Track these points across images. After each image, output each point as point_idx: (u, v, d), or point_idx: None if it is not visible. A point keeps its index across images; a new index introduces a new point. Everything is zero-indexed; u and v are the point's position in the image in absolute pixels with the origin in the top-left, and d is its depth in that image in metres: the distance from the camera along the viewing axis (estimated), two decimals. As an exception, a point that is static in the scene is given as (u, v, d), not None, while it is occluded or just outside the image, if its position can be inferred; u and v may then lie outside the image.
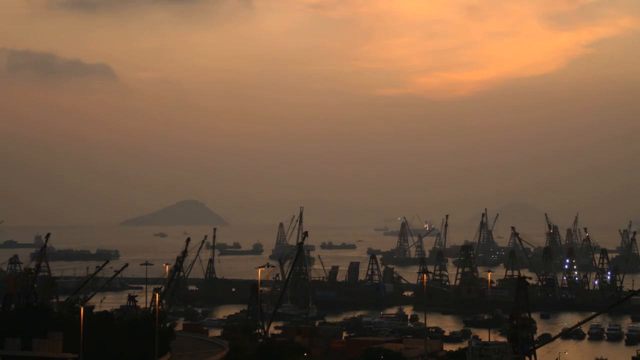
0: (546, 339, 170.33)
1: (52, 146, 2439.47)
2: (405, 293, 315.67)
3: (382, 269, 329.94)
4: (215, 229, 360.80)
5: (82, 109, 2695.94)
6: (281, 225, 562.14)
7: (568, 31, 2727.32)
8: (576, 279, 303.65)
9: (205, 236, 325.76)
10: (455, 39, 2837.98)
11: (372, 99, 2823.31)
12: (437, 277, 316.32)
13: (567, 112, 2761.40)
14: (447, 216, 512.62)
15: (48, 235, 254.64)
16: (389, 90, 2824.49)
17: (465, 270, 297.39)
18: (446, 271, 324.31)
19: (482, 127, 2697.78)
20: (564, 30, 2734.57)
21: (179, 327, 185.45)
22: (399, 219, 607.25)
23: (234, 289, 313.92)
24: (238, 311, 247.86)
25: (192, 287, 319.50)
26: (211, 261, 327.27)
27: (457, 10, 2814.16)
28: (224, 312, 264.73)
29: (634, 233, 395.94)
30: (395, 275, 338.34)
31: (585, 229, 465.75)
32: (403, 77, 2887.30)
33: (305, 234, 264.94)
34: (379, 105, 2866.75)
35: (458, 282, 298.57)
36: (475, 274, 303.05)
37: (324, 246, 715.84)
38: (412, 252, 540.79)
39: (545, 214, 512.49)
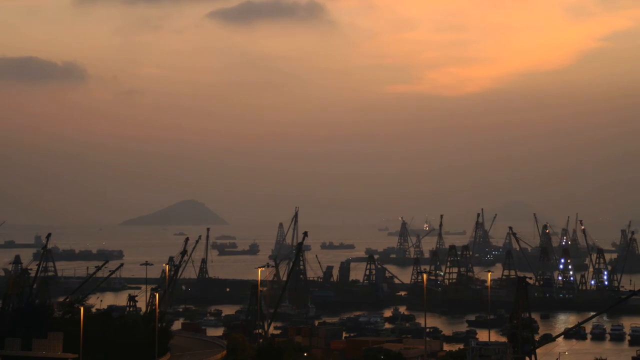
0: (548, 338, 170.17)
1: (52, 146, 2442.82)
2: (399, 293, 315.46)
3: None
4: (208, 229, 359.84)
5: (82, 109, 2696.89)
6: (281, 225, 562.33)
7: (585, 23, 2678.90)
8: (571, 278, 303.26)
9: (200, 236, 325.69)
10: (467, 32, 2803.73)
11: (380, 97, 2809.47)
12: (432, 277, 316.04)
13: (575, 110, 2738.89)
14: (441, 216, 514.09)
15: (49, 235, 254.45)
16: (398, 87, 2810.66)
17: (460, 270, 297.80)
18: (441, 271, 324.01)
19: (488, 125, 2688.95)
20: (582, 23, 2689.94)
21: (177, 326, 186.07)
22: (399, 218, 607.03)
23: (228, 289, 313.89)
24: (233, 312, 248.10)
25: (185, 288, 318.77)
26: (204, 261, 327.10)
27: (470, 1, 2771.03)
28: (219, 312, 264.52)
29: (632, 233, 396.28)
30: (388, 275, 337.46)
31: (581, 223, 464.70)
32: (413, 73, 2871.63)
33: (305, 233, 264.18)
34: (386, 103, 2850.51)
35: (447, 282, 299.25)
36: (470, 273, 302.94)
37: (323, 246, 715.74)
38: (413, 252, 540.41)
39: (534, 214, 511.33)
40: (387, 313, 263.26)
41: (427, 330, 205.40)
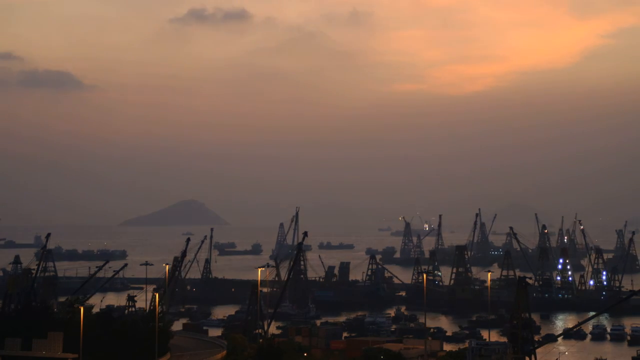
0: (548, 339, 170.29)
1: (52, 146, 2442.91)
2: (399, 293, 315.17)
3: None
4: (212, 229, 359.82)
5: (81, 110, 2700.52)
6: (281, 225, 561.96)
7: (590, 20, 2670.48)
8: (570, 279, 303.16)
9: (205, 236, 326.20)
10: (471, 29, 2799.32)
11: (382, 96, 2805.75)
12: (430, 277, 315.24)
13: (578, 110, 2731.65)
14: (440, 216, 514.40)
15: (48, 235, 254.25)
16: (400, 86, 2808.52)
17: (459, 270, 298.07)
18: (439, 271, 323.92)
19: (491, 125, 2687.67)
20: (587, 20, 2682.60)
21: (178, 327, 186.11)
22: (400, 219, 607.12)
23: (233, 289, 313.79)
24: (233, 312, 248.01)
25: (190, 288, 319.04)
26: (207, 261, 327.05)
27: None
28: (222, 312, 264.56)
29: (633, 233, 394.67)
30: (387, 275, 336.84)
31: (580, 223, 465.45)
32: (416, 71, 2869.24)
33: (305, 234, 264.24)
34: (388, 103, 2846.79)
35: (452, 282, 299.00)
36: (469, 274, 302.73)
37: (321, 246, 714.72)
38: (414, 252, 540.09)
39: (535, 214, 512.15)
40: (391, 313, 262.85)
41: (431, 330, 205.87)
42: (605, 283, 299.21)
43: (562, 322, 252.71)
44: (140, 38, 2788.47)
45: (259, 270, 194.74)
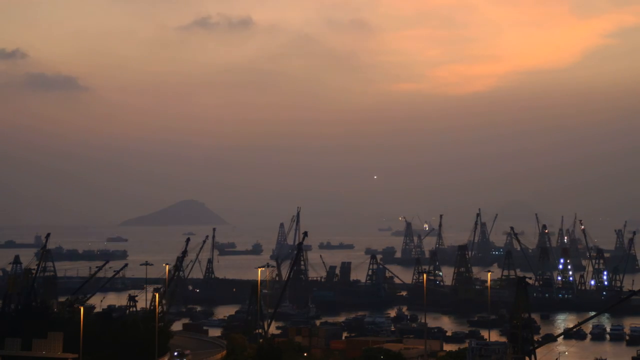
0: (548, 339, 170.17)
1: (52, 146, 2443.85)
2: (400, 293, 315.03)
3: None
4: (214, 229, 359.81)
5: (84, 112, 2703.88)
6: (282, 225, 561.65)
7: (591, 20, 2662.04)
8: (570, 279, 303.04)
9: (207, 236, 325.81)
10: (472, 29, 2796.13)
11: (383, 95, 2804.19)
12: (431, 277, 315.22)
13: (579, 109, 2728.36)
14: (441, 216, 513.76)
15: (48, 235, 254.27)
16: (401, 85, 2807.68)
17: (461, 270, 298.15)
18: (440, 271, 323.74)
19: (491, 125, 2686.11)
20: (588, 19, 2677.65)
21: (179, 327, 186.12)
22: (400, 219, 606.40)
23: (234, 289, 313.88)
24: (233, 312, 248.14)
25: (192, 288, 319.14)
26: (210, 261, 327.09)
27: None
28: (223, 312, 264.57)
29: (634, 233, 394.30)
30: (388, 275, 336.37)
31: (581, 223, 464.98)
32: (417, 71, 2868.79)
33: (305, 233, 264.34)
34: (389, 102, 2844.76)
35: (454, 282, 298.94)
36: (470, 274, 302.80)
37: (321, 246, 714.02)
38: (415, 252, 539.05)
39: (536, 214, 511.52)
40: (391, 313, 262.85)
41: (433, 330, 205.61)
42: (606, 283, 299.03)
43: (562, 322, 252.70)
44: (145, 44, 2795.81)
45: (259, 270, 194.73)
